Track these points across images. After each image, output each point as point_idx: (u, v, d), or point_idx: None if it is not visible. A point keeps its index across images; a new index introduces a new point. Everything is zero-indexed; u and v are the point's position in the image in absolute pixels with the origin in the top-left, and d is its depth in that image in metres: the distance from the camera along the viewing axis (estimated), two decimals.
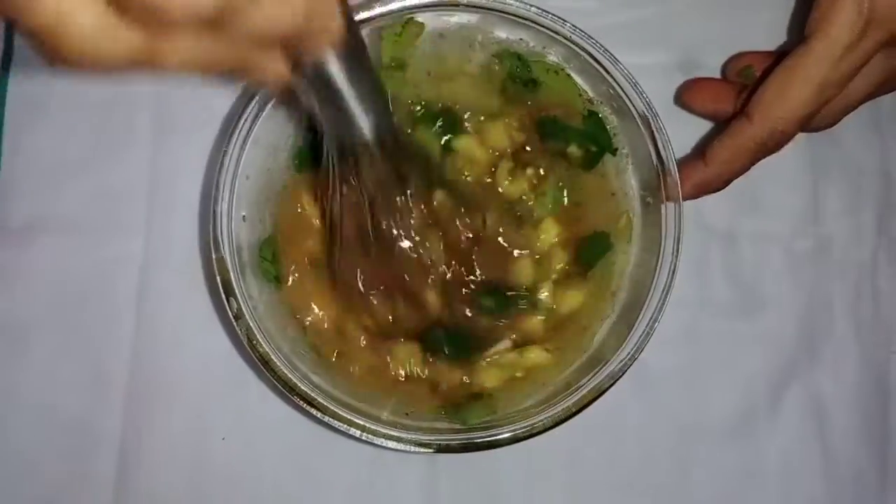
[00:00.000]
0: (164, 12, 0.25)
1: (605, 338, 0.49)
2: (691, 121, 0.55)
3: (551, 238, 0.51)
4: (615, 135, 0.50)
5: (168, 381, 0.53)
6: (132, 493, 0.52)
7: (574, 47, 0.48)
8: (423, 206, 0.47)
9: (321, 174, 0.47)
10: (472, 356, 0.50)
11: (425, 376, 0.50)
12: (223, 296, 0.46)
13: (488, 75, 0.51)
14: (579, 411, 0.46)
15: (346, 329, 0.50)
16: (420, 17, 0.48)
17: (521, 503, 0.53)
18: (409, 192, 0.46)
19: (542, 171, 0.52)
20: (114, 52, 0.26)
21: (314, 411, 0.45)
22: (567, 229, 0.52)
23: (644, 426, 0.54)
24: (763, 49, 0.55)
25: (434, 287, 0.49)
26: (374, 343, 0.50)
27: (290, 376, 0.46)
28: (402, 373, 0.50)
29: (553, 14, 0.47)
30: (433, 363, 0.50)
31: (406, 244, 0.47)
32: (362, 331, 0.50)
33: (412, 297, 0.49)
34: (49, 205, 0.54)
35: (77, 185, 0.54)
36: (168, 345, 0.53)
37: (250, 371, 0.52)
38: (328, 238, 0.49)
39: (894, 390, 0.56)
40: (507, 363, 0.50)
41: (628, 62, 0.48)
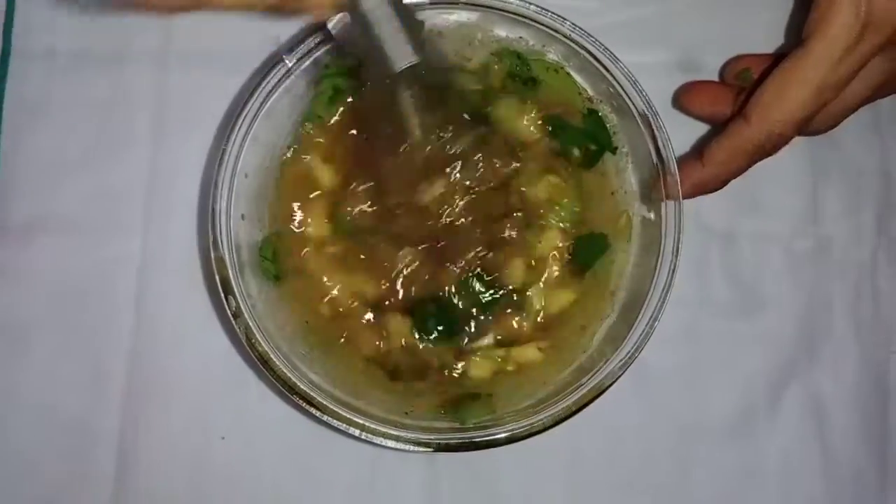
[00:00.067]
0: None
1: (605, 337, 0.49)
2: (690, 120, 0.55)
3: (551, 248, 0.51)
4: (615, 133, 0.50)
5: (167, 381, 0.53)
6: (132, 492, 0.52)
7: (574, 45, 0.48)
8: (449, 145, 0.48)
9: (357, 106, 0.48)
10: (457, 339, 0.50)
11: (417, 353, 0.50)
12: (222, 294, 0.46)
13: (487, 73, 0.51)
14: (579, 410, 0.46)
15: (345, 305, 0.50)
16: (419, 15, 0.48)
17: (521, 502, 0.53)
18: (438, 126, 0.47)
19: (562, 182, 0.51)
20: None
21: (314, 410, 0.45)
22: (568, 234, 0.52)
23: (644, 425, 0.54)
24: (762, 50, 0.55)
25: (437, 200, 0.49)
26: (373, 315, 0.50)
27: (289, 375, 0.46)
28: (398, 345, 0.50)
29: (553, 12, 0.48)
30: (422, 342, 0.50)
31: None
32: (361, 303, 0.50)
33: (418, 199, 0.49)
34: (49, 204, 0.54)
35: (77, 184, 0.54)
36: (167, 344, 0.53)
37: (249, 370, 0.52)
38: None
39: (894, 390, 0.56)
40: (497, 356, 0.50)
41: (628, 61, 0.48)
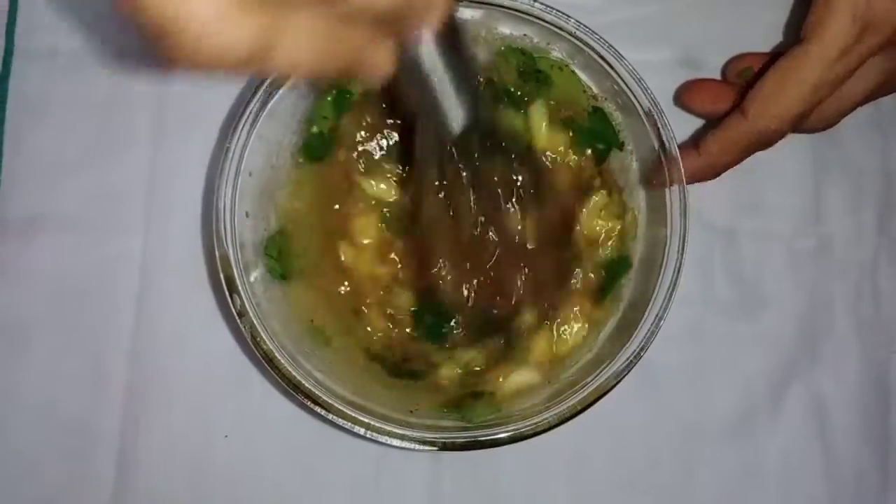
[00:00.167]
0: None
1: (610, 336, 0.49)
2: (692, 117, 0.55)
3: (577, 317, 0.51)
4: (619, 131, 0.50)
5: (168, 380, 0.53)
6: (132, 492, 0.51)
7: (578, 43, 0.48)
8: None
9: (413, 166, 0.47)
10: (455, 350, 0.50)
11: (417, 353, 0.50)
12: (226, 293, 0.46)
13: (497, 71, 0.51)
14: (584, 409, 0.46)
15: (357, 304, 0.51)
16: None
17: (525, 501, 0.53)
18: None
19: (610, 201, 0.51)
20: (230, 46, 0.26)
21: (318, 409, 0.45)
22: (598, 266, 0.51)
23: (647, 425, 0.54)
24: (763, 48, 0.55)
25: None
26: (382, 314, 0.51)
27: (294, 374, 0.45)
28: (401, 343, 0.50)
29: (557, 10, 0.47)
30: (423, 342, 0.51)
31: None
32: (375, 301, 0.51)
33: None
34: (49, 203, 0.54)
35: (77, 183, 0.54)
36: (168, 344, 0.53)
37: (253, 369, 0.52)
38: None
39: (895, 390, 0.56)
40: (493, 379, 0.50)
41: (632, 58, 0.48)
